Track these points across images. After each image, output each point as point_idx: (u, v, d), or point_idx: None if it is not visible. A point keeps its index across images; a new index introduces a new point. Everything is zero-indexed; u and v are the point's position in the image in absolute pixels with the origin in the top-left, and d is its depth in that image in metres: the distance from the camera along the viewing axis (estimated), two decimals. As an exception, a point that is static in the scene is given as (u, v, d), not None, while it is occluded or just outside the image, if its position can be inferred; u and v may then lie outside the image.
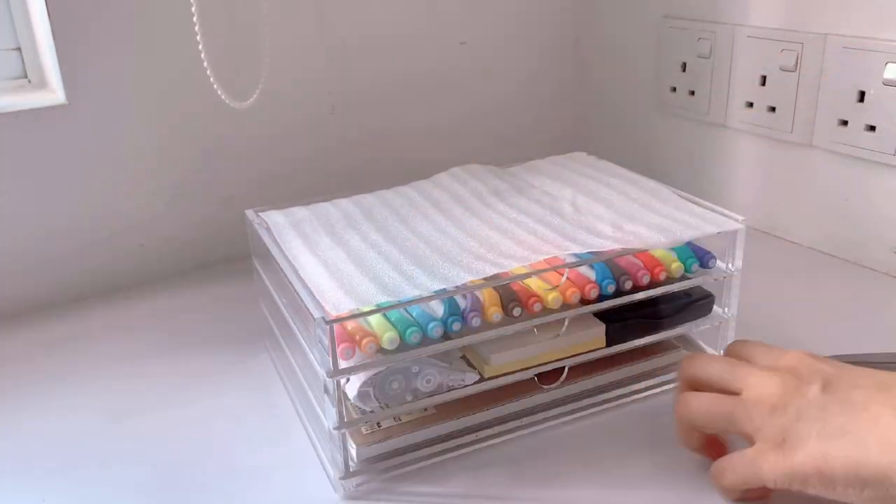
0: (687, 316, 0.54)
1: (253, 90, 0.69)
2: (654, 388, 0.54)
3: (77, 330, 0.67)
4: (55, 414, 0.55)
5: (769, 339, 0.59)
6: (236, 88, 0.68)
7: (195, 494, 0.47)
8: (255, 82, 0.70)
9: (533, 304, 0.48)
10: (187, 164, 0.74)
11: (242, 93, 0.69)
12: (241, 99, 0.69)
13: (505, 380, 0.49)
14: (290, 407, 0.55)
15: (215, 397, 0.56)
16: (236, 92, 0.68)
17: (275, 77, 0.72)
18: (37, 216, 0.69)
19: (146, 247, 0.75)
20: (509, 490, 0.46)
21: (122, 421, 0.54)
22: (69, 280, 0.71)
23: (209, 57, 0.64)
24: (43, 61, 0.70)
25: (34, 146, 0.67)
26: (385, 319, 0.46)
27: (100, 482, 0.48)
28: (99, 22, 0.66)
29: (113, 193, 0.72)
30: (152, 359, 0.62)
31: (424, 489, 0.47)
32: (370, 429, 0.48)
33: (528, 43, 0.91)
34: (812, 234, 0.76)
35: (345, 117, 0.81)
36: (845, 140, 0.70)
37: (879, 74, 0.66)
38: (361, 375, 0.45)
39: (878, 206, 0.69)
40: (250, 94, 0.69)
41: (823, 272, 0.72)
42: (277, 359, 0.59)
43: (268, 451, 0.50)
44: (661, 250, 0.52)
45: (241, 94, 0.69)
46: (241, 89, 0.69)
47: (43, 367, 0.61)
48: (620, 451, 0.49)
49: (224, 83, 0.66)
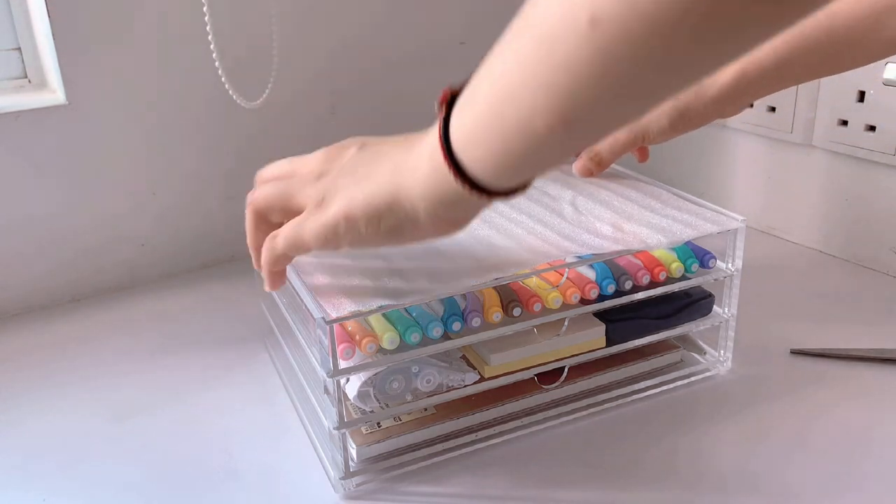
0: (687, 316, 0.54)
1: (262, 91, 0.69)
2: (654, 388, 0.54)
3: (77, 330, 0.67)
4: (55, 414, 0.55)
5: (769, 338, 0.60)
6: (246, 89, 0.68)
7: (195, 494, 0.47)
8: (263, 83, 0.70)
9: (533, 304, 0.48)
10: (187, 164, 0.74)
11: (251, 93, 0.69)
12: (251, 99, 0.69)
13: (505, 380, 0.49)
14: (290, 407, 0.55)
15: (215, 397, 0.56)
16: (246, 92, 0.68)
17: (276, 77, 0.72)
18: (37, 216, 0.69)
19: (146, 247, 0.75)
20: (509, 490, 0.46)
21: (123, 421, 0.54)
22: (69, 280, 0.71)
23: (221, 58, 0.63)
24: (43, 61, 0.70)
25: (34, 146, 0.67)
26: (385, 319, 0.46)
27: (100, 482, 0.48)
28: (99, 22, 0.67)
29: (113, 193, 0.72)
30: (152, 359, 0.62)
31: (424, 489, 0.47)
32: (370, 429, 0.48)
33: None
34: (812, 234, 0.76)
35: (345, 117, 0.81)
36: (845, 140, 0.70)
37: (879, 74, 0.66)
38: (361, 375, 0.45)
39: (878, 206, 0.69)
40: (259, 95, 0.69)
41: (823, 272, 0.72)
42: (277, 359, 0.59)
43: (268, 451, 0.50)
44: (661, 250, 0.53)
45: (251, 94, 0.69)
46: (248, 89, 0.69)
47: (43, 367, 0.61)
48: (620, 451, 0.49)
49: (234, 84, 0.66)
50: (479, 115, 0.34)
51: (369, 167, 0.40)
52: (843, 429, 0.50)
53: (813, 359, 0.58)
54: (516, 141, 0.33)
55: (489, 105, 0.33)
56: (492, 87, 0.33)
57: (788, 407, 0.52)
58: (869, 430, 0.50)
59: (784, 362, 0.58)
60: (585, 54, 0.28)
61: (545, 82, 0.30)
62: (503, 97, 0.32)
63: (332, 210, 0.40)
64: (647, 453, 0.49)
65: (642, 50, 0.27)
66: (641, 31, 0.26)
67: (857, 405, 0.52)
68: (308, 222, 0.41)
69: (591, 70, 0.28)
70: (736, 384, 0.55)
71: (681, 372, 0.56)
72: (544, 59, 0.29)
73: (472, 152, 0.35)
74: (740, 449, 0.49)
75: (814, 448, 0.49)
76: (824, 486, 0.46)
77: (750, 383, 0.55)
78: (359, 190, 0.39)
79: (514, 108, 0.32)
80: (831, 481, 0.46)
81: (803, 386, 0.55)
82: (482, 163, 0.35)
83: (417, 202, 0.38)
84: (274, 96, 0.72)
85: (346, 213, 0.39)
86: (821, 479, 0.46)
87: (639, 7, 0.26)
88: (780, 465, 0.47)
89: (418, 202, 0.37)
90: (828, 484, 0.46)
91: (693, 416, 0.52)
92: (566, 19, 0.28)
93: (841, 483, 0.46)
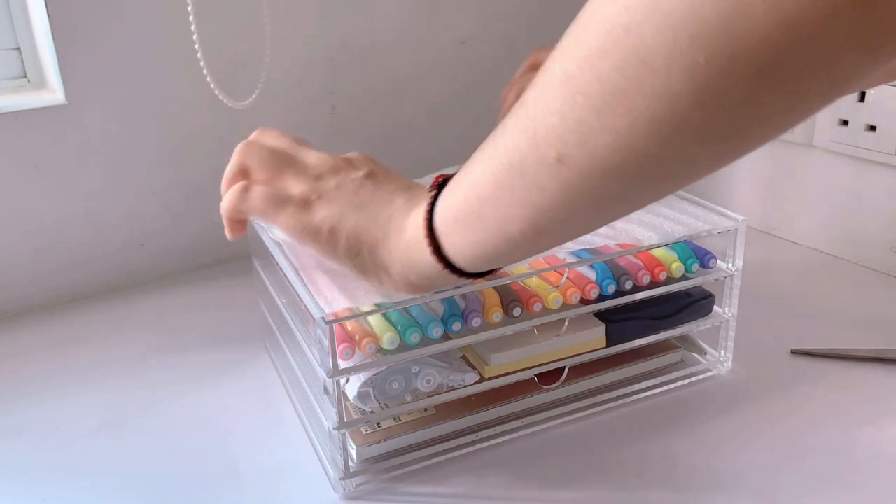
0: (687, 316, 0.54)
1: (252, 90, 0.69)
2: (654, 388, 0.54)
3: (77, 330, 0.67)
4: (55, 414, 0.55)
5: (769, 338, 0.60)
6: (235, 88, 0.68)
7: (195, 494, 0.47)
8: (254, 82, 0.70)
9: (533, 304, 0.48)
10: (187, 164, 0.74)
11: (241, 93, 0.69)
12: (240, 99, 0.69)
13: (505, 380, 0.49)
14: (289, 407, 0.55)
15: (215, 397, 0.56)
16: (235, 92, 0.68)
17: (275, 77, 0.72)
18: (37, 216, 0.69)
19: (146, 247, 0.75)
20: (509, 490, 0.46)
21: (122, 421, 0.54)
22: (69, 280, 0.71)
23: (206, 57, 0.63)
24: (43, 61, 0.70)
25: (34, 146, 0.67)
26: (385, 319, 0.46)
27: (100, 482, 0.48)
28: (99, 22, 0.66)
29: (113, 193, 0.72)
30: (152, 359, 0.62)
31: (424, 489, 0.47)
32: (370, 429, 0.48)
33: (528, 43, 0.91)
34: (812, 234, 0.76)
35: (345, 117, 0.81)
36: (845, 140, 0.70)
37: (879, 74, 0.65)
38: (361, 376, 0.45)
39: (878, 206, 0.69)
40: (249, 94, 0.69)
41: (823, 272, 0.72)
42: (277, 359, 0.59)
43: (267, 452, 0.50)
44: (661, 250, 0.52)
45: (241, 93, 0.69)
46: (241, 89, 0.69)
47: (43, 368, 0.61)
48: (620, 451, 0.49)
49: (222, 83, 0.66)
50: (459, 209, 0.36)
51: (368, 200, 0.42)
52: (843, 429, 0.50)
53: (813, 359, 0.58)
54: (491, 240, 0.36)
55: (468, 202, 0.36)
56: (472, 187, 0.35)
57: (788, 407, 0.52)
58: (869, 430, 0.50)
59: (784, 362, 0.58)
60: (555, 185, 0.31)
61: (518, 197, 0.33)
62: (482, 199, 0.35)
63: (318, 216, 0.42)
64: (647, 453, 0.49)
65: (603, 189, 0.30)
66: (602, 174, 0.30)
67: (857, 405, 0.52)
68: (288, 211, 0.43)
69: (560, 196, 0.31)
70: (736, 384, 0.55)
71: (681, 372, 0.56)
72: (517, 180, 0.33)
73: (451, 237, 0.38)
74: (740, 449, 0.49)
75: (814, 448, 0.49)
76: (824, 486, 0.45)
77: (750, 383, 0.55)
78: (352, 215, 0.42)
79: (491, 211, 0.35)
80: (831, 481, 0.46)
81: (803, 386, 0.55)
82: (459, 248, 0.38)
83: (395, 258, 0.40)
84: (274, 96, 0.72)
85: (331, 227, 0.42)
86: (821, 479, 0.46)
87: (597, 156, 0.29)
88: (780, 465, 0.47)
89: (395, 259, 0.40)
90: (828, 484, 0.46)
91: (693, 417, 0.52)
92: (536, 154, 0.31)
93: (841, 483, 0.46)
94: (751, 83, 0.25)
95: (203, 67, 0.63)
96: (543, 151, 0.30)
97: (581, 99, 0.28)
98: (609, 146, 0.28)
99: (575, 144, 0.29)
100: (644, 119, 0.27)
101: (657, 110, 0.26)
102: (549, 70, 0.30)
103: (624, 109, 0.27)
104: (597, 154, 0.29)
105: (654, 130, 0.27)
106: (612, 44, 0.27)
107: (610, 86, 0.27)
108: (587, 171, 0.30)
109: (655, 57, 0.25)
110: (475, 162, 0.35)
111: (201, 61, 0.63)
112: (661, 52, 0.25)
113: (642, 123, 0.27)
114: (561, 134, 0.29)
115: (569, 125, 0.29)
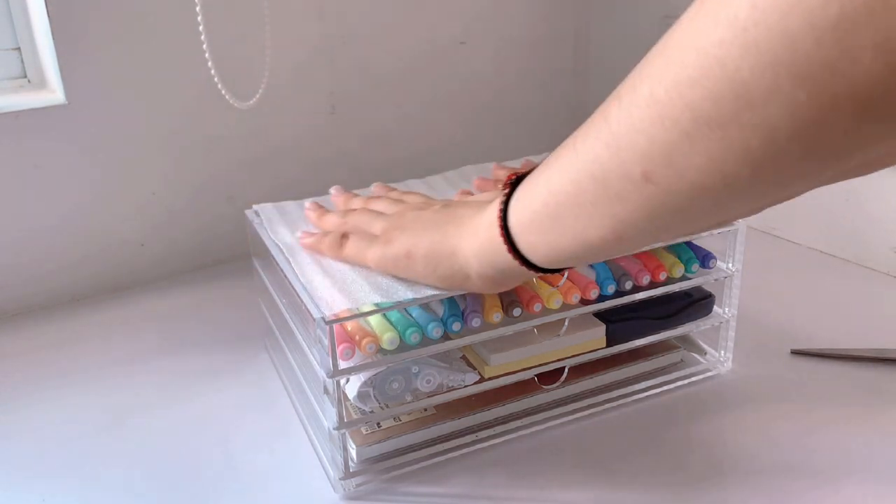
0: (687, 316, 0.54)
1: (255, 90, 0.69)
2: (654, 388, 0.54)
3: (77, 330, 0.67)
4: (55, 414, 0.55)
5: (769, 338, 0.60)
6: (237, 88, 0.68)
7: (195, 494, 0.47)
8: (257, 82, 0.70)
9: (533, 304, 0.48)
10: (187, 164, 0.74)
11: (245, 93, 0.69)
12: (244, 99, 0.69)
13: (505, 380, 0.49)
14: (289, 407, 0.55)
15: (215, 397, 0.56)
16: (239, 92, 0.68)
17: (275, 77, 0.72)
18: (37, 216, 0.69)
19: (146, 247, 0.75)
20: (509, 490, 0.46)
21: (122, 421, 0.54)
22: (69, 280, 0.71)
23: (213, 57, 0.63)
24: (43, 61, 0.70)
25: (34, 146, 0.67)
26: (385, 320, 0.46)
27: (100, 482, 0.48)
28: (99, 22, 0.66)
29: (113, 193, 0.72)
30: (152, 359, 0.62)
31: (424, 489, 0.47)
32: (370, 429, 0.48)
33: (528, 43, 0.91)
34: (812, 234, 0.76)
35: (345, 117, 0.81)
36: (845, 140, 0.70)
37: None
38: (361, 376, 0.45)
39: (878, 206, 0.69)
40: (253, 94, 0.69)
41: (823, 272, 0.72)
42: (277, 359, 0.59)
43: (267, 452, 0.50)
44: (661, 250, 0.52)
45: (244, 94, 0.69)
46: (244, 89, 0.69)
47: (43, 367, 0.61)
48: (620, 451, 0.49)
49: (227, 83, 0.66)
50: (536, 211, 0.37)
51: (440, 219, 0.45)
52: (843, 429, 0.50)
53: (813, 359, 0.58)
54: (569, 243, 0.36)
55: (546, 206, 0.36)
56: (551, 193, 0.36)
57: (788, 407, 0.52)
58: (869, 430, 0.50)
59: (784, 362, 0.58)
60: (639, 199, 0.31)
61: (600, 207, 0.33)
62: (560, 205, 0.35)
63: (396, 245, 0.45)
64: (647, 453, 0.49)
65: (690, 204, 0.30)
66: (690, 192, 0.30)
67: (857, 405, 0.52)
68: (373, 248, 0.46)
69: (644, 210, 0.31)
70: (736, 384, 0.55)
71: (681, 372, 0.56)
72: (600, 191, 0.32)
73: (527, 237, 0.38)
74: (740, 449, 0.49)
75: (814, 448, 0.49)
76: (824, 486, 0.45)
77: (750, 383, 0.55)
78: (426, 235, 0.44)
79: (571, 218, 0.35)
80: (831, 481, 0.46)
81: (803, 386, 0.55)
82: (535, 247, 0.38)
83: (472, 260, 0.41)
84: (273, 97, 0.72)
85: (407, 252, 0.44)
86: (821, 479, 0.46)
87: (687, 177, 0.29)
88: (779, 464, 0.47)
89: (472, 260, 0.41)
90: (827, 484, 0.46)
91: (693, 417, 0.52)
92: (621, 169, 0.31)
93: (841, 483, 0.46)
94: (854, 119, 0.24)
95: (211, 68, 0.63)
96: (629, 168, 0.30)
97: (669, 123, 0.28)
98: (699, 168, 0.28)
99: (662, 164, 0.29)
100: (738, 148, 0.27)
101: (752, 141, 0.26)
102: (634, 88, 0.30)
103: (717, 137, 0.27)
104: (686, 175, 0.29)
105: (748, 159, 0.27)
106: (705, 75, 0.26)
107: (701, 114, 0.27)
108: (675, 189, 0.30)
109: (754, 92, 0.25)
110: (552, 166, 0.35)
111: (209, 62, 0.63)
112: (760, 88, 0.25)
113: (736, 152, 0.27)
114: (647, 153, 0.29)
115: (655, 146, 0.29)
